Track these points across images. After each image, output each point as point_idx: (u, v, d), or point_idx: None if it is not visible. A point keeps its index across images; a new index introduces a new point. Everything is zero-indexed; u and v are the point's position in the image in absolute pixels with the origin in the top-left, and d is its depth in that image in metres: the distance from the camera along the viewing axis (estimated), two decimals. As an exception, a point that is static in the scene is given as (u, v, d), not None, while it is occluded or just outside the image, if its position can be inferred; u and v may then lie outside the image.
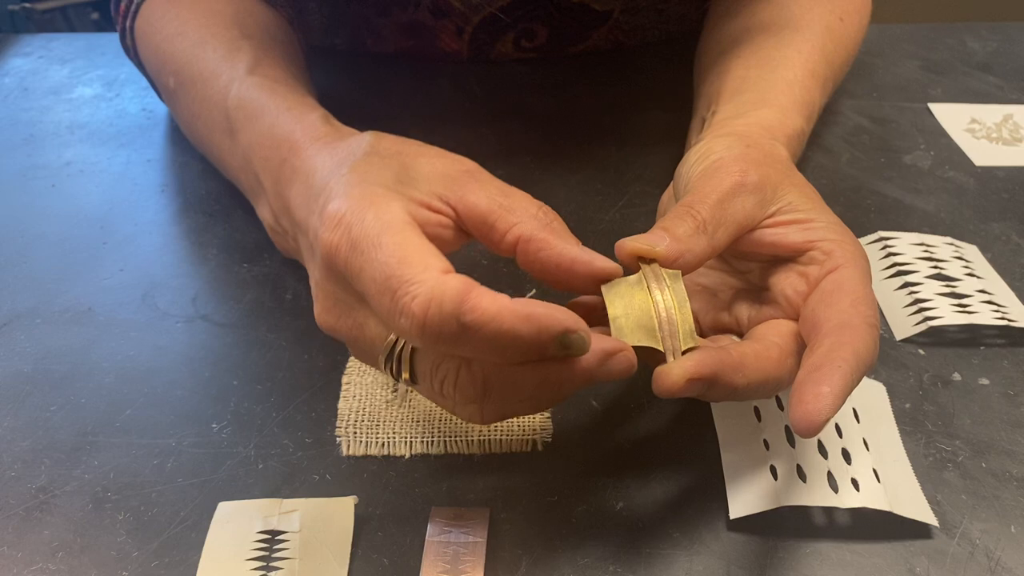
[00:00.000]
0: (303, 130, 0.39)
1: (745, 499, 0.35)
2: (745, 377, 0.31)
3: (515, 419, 0.39)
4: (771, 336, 0.34)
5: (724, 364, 0.31)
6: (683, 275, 0.33)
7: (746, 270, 0.38)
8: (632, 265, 0.33)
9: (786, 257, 0.36)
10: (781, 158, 0.40)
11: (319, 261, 0.32)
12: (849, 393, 0.30)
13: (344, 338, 0.34)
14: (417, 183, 0.33)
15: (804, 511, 0.36)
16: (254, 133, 0.42)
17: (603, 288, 0.32)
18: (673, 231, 0.33)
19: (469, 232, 0.34)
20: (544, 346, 0.28)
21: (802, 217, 0.36)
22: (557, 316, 0.28)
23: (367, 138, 0.36)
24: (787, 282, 0.35)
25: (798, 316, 0.35)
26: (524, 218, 0.33)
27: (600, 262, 0.32)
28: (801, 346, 0.34)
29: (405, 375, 0.33)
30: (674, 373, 0.30)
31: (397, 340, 0.31)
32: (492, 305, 0.27)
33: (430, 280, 0.28)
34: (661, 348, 0.31)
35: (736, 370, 0.31)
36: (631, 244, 0.33)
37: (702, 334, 0.38)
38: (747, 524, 0.35)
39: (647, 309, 0.31)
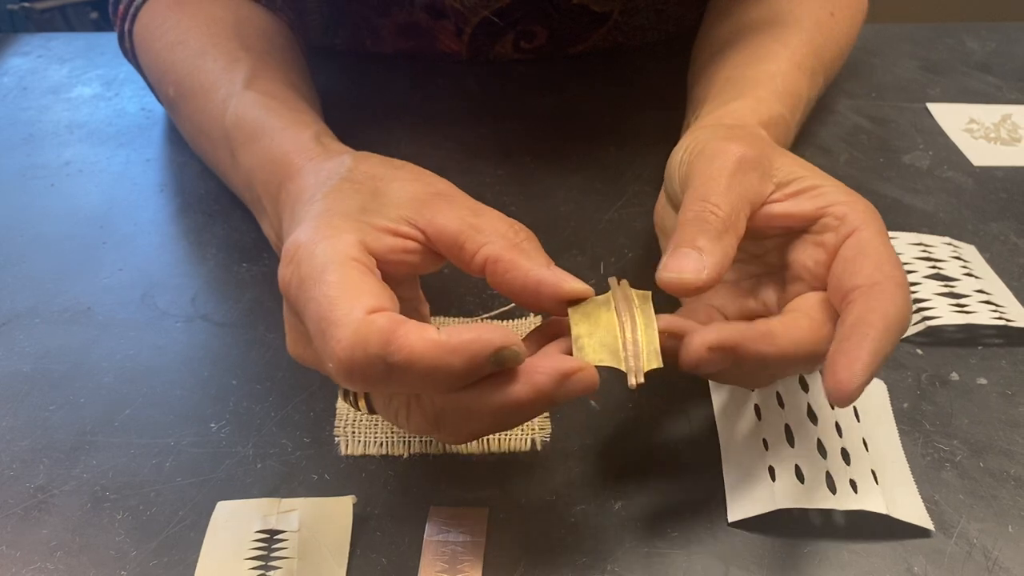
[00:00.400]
0: (297, 152, 0.39)
1: (743, 502, 0.35)
2: (775, 345, 0.31)
3: (514, 419, 0.40)
4: (800, 308, 0.33)
5: (748, 333, 0.31)
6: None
7: (762, 252, 0.37)
8: (678, 294, 0.32)
9: (799, 228, 0.35)
10: (763, 136, 0.39)
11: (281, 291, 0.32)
12: (883, 358, 0.30)
13: (311, 367, 0.34)
14: (385, 209, 0.33)
15: (803, 510, 0.36)
16: (253, 156, 0.42)
17: (569, 308, 0.32)
18: (700, 243, 0.32)
19: (441, 254, 0.33)
20: (478, 369, 0.28)
21: (808, 185, 0.35)
22: (485, 339, 0.28)
23: (347, 162, 0.36)
24: (806, 255, 0.35)
25: (823, 286, 0.34)
26: (493, 238, 0.32)
27: (568, 284, 0.31)
28: (834, 314, 0.33)
29: (362, 406, 0.33)
30: (694, 342, 0.30)
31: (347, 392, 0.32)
32: (419, 342, 0.27)
33: (353, 322, 0.27)
34: (623, 368, 0.31)
35: (762, 339, 0.31)
36: (677, 280, 0.32)
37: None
38: (746, 523, 0.35)
39: (612, 329, 0.31)
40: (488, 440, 0.39)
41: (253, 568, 0.34)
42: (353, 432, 0.39)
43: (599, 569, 0.34)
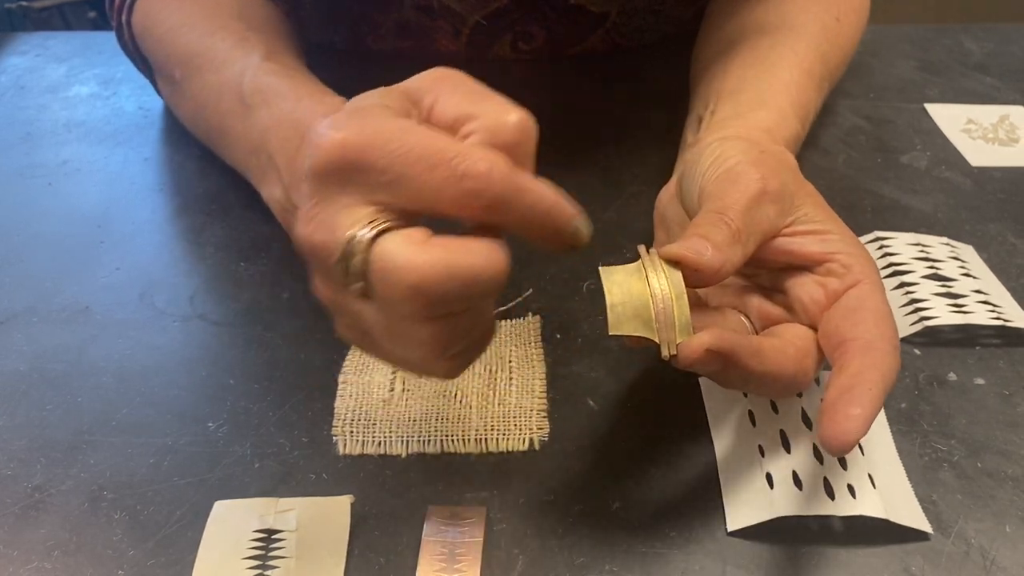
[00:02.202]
0: (324, 112, 0.38)
1: (742, 510, 0.35)
2: (762, 364, 0.32)
3: (511, 418, 0.40)
4: (788, 336, 0.34)
5: (742, 346, 0.31)
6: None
7: (754, 274, 0.38)
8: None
9: (800, 266, 0.36)
10: (792, 165, 0.40)
11: (312, 167, 0.30)
12: (877, 414, 0.31)
13: (309, 247, 0.31)
14: (394, 102, 0.32)
15: (800, 511, 0.36)
16: (272, 116, 0.42)
17: (602, 274, 0.32)
18: (712, 239, 0.33)
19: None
20: (564, 229, 0.30)
21: (819, 228, 0.36)
22: (574, 211, 0.30)
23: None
24: (804, 289, 0.36)
25: (812, 322, 0.35)
26: (483, 134, 0.31)
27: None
28: (816, 352, 0.34)
29: (358, 284, 0.30)
30: (693, 342, 0.31)
31: (351, 240, 0.29)
32: (530, 179, 0.29)
33: (479, 149, 0.28)
34: (656, 340, 0.31)
35: (754, 355, 0.32)
36: (677, 252, 0.32)
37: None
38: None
39: (644, 299, 0.31)
40: (486, 439, 0.39)
41: (251, 568, 0.34)
42: (351, 432, 0.39)
43: (597, 569, 0.34)
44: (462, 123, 0.31)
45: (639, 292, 0.32)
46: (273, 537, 0.35)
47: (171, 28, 0.52)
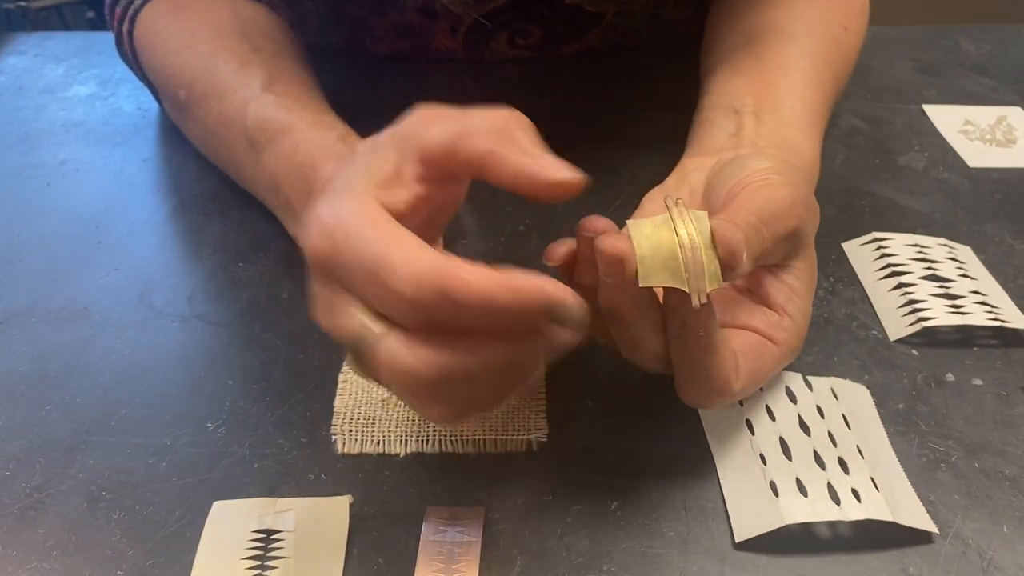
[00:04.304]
0: (323, 155, 0.40)
1: (749, 521, 0.35)
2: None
3: (510, 419, 0.40)
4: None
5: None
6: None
7: None
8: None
9: (752, 298, 0.38)
10: (816, 207, 0.40)
11: (309, 262, 0.32)
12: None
13: (332, 336, 0.33)
14: (385, 155, 0.32)
15: (798, 511, 0.36)
16: (278, 158, 0.43)
17: (630, 225, 0.32)
18: (751, 248, 0.33)
19: (450, 174, 0.32)
20: (534, 317, 0.28)
21: (798, 288, 0.38)
22: (543, 287, 0.27)
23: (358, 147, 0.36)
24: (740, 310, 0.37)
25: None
26: (482, 138, 0.31)
27: (554, 175, 0.30)
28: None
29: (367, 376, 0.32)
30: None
31: (356, 343, 0.31)
32: (473, 277, 0.27)
33: (411, 261, 0.28)
34: (687, 289, 0.31)
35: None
36: (733, 237, 0.32)
37: None
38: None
39: (673, 249, 0.31)
40: (484, 440, 0.39)
41: (249, 568, 0.34)
42: (350, 431, 0.39)
43: (595, 569, 0.34)
44: (457, 146, 0.31)
45: (667, 242, 0.31)
46: (272, 537, 0.35)
47: (174, 48, 0.52)
